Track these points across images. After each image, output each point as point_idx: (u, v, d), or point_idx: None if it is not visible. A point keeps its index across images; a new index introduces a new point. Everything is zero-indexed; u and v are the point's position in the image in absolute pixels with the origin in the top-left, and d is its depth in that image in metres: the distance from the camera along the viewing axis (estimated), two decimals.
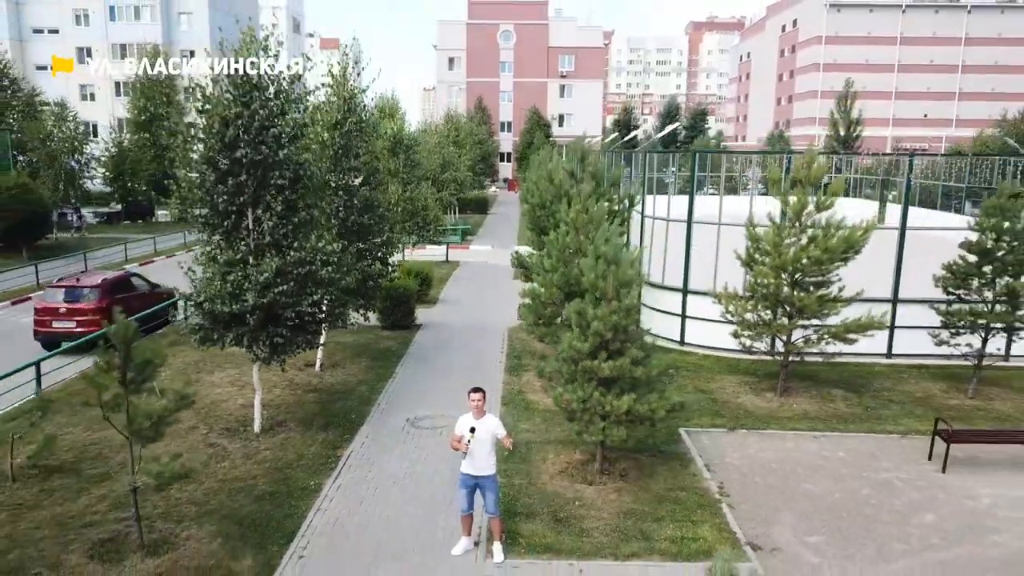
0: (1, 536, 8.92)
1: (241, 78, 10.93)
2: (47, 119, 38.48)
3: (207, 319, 11.19)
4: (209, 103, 11.01)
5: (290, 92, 11.54)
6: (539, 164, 44.60)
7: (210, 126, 10.95)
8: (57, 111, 38.34)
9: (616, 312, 9.85)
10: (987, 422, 12.98)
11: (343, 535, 9.08)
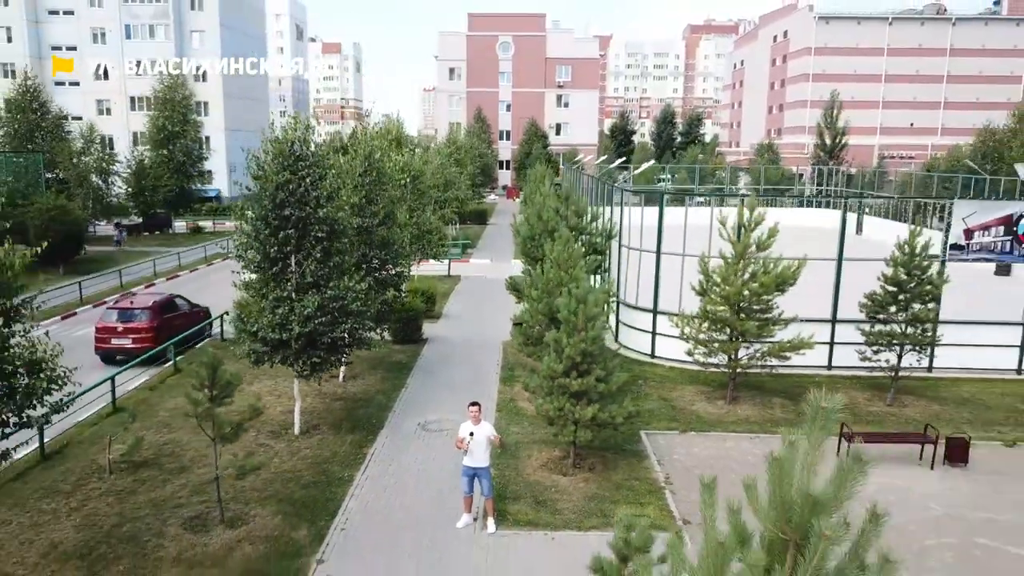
0: (114, 514, 11.72)
1: (289, 153, 13.71)
2: (76, 140, 41.30)
3: (260, 344, 13.97)
4: (263, 172, 13.80)
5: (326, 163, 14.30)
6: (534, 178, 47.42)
7: (264, 190, 13.74)
8: (86, 134, 41.15)
9: (584, 340, 12.64)
10: (896, 425, 15.77)
11: (373, 513, 11.89)
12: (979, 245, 18.97)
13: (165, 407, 16.72)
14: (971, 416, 16.49)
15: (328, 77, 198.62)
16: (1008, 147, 48.32)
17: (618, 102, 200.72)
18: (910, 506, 12.29)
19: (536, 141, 79.83)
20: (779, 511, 3.30)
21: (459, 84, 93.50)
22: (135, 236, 46.20)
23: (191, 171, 49.45)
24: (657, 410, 16.42)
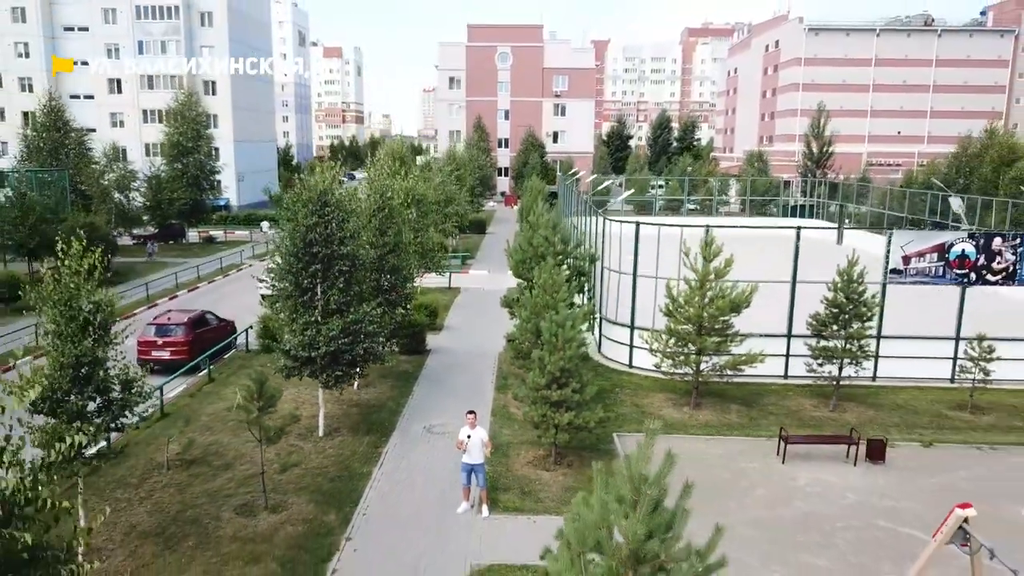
0: (176, 502, 14.34)
1: (317, 199, 16.30)
2: (100, 159, 43.93)
3: (291, 360, 16.59)
4: (295, 216, 16.40)
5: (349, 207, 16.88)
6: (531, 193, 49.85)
7: (295, 230, 16.34)
8: (111, 154, 43.76)
9: (562, 359, 15.25)
10: (833, 428, 18.39)
11: (389, 501, 14.51)
12: (915, 270, 21.60)
13: (205, 412, 19.34)
14: (899, 420, 19.14)
15: (329, 81, 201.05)
16: (980, 160, 50.85)
17: (616, 106, 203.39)
18: (831, 496, 14.94)
19: (533, 151, 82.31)
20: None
21: (459, 93, 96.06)
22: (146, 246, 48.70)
23: (204, 184, 51.98)
24: (629, 415, 19.06)
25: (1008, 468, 16.31)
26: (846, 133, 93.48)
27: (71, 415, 11.83)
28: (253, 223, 61.87)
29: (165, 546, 12.77)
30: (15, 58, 65.46)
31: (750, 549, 12.77)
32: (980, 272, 21.44)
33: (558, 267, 19.66)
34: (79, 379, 11.93)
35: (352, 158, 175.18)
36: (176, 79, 65.74)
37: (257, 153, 74.45)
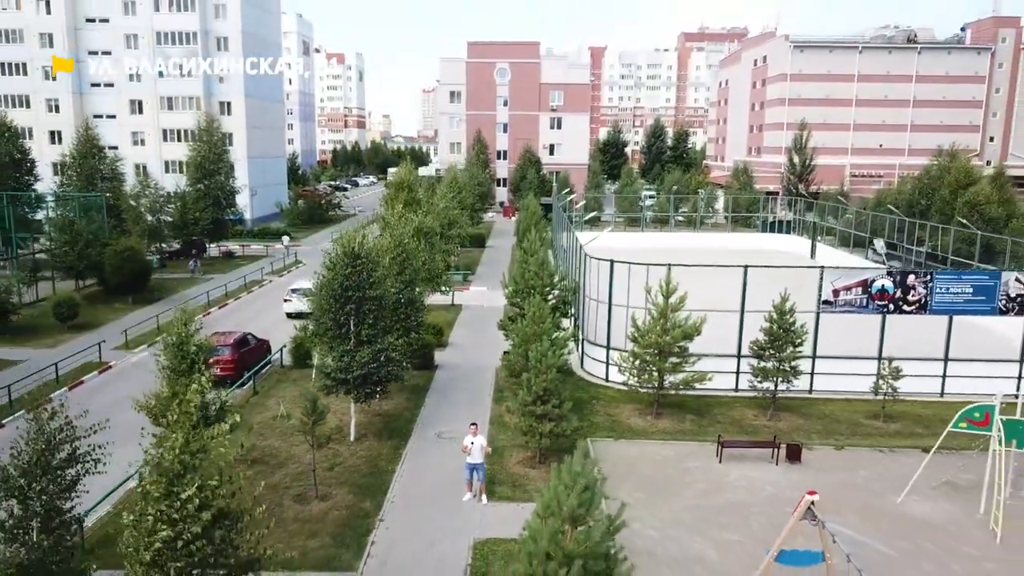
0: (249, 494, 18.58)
1: (351, 254, 20.51)
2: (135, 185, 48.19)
3: (330, 381, 20.83)
4: (334, 266, 20.62)
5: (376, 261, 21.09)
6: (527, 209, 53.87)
7: (332, 279, 20.56)
8: (143, 180, 48.03)
9: (545, 381, 19.50)
10: (766, 435, 22.59)
11: (410, 492, 18.76)
12: (844, 301, 25.87)
13: (255, 421, 23.56)
14: (822, 428, 23.42)
15: (332, 87, 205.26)
16: (940, 182, 55.03)
17: (612, 112, 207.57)
18: (753, 489, 19.20)
19: (530, 166, 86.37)
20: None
21: (459, 107, 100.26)
22: (175, 261, 52.89)
23: (224, 203, 56.15)
24: (602, 423, 23.33)
25: (900, 467, 20.53)
26: (830, 146, 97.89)
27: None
28: (267, 237, 66.16)
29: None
30: (42, 80, 69.58)
31: (685, 528, 17.06)
32: (897, 304, 25.70)
33: (544, 301, 24.02)
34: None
35: (354, 163, 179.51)
36: (194, 100, 69.96)
37: (268, 168, 78.62)
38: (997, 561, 15.99)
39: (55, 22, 68.33)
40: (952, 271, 29.13)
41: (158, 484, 9.75)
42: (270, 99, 79.71)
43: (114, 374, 29.24)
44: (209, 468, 10.07)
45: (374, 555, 16.01)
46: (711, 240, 65.20)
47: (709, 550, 16.27)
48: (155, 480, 9.79)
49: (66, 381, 27.71)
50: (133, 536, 9.95)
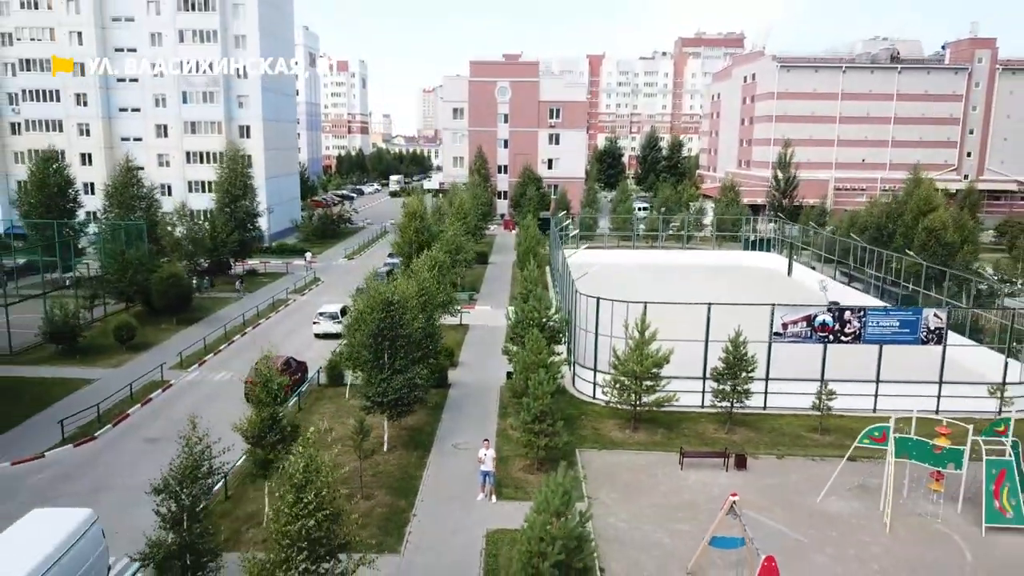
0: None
1: (386, 301, 25.57)
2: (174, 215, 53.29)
3: (368, 403, 25.91)
4: (371, 310, 25.67)
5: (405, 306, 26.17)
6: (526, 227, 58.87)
7: (370, 321, 25.62)
8: (179, 210, 53.15)
9: (541, 404, 24.59)
10: (722, 446, 27.64)
11: (435, 493, 23.86)
12: (792, 333, 30.95)
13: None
14: (769, 440, 28.51)
15: (336, 93, 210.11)
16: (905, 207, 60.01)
17: (610, 118, 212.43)
18: (705, 490, 24.27)
19: (530, 183, 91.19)
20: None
21: (462, 123, 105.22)
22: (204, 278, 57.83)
23: (248, 225, 61.15)
24: (589, 436, 28.43)
25: (825, 472, 25.54)
26: (815, 160, 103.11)
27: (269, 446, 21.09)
28: (285, 253, 71.19)
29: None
30: (74, 106, 74.53)
31: (648, 521, 22.16)
32: (836, 335, 30.80)
33: (541, 332, 29.12)
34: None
35: (358, 170, 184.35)
36: (216, 124, 74.96)
37: (283, 185, 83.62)
38: (882, 546, 21.11)
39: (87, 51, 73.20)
40: (881, 309, 34.18)
41: (289, 492, 14.74)
42: (285, 120, 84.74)
43: (175, 391, 34.29)
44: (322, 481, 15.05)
45: (411, 541, 21.12)
46: (696, 257, 70.20)
47: (665, 537, 21.39)
48: (288, 489, 14.78)
49: (139, 398, 32.74)
50: (275, 524, 14.96)
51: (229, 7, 73.84)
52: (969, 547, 21.17)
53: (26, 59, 74.00)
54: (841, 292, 52.70)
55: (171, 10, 72.85)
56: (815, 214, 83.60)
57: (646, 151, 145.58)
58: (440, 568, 19.93)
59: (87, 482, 25.10)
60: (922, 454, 22.77)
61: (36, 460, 26.77)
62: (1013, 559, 20.70)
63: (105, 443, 28.56)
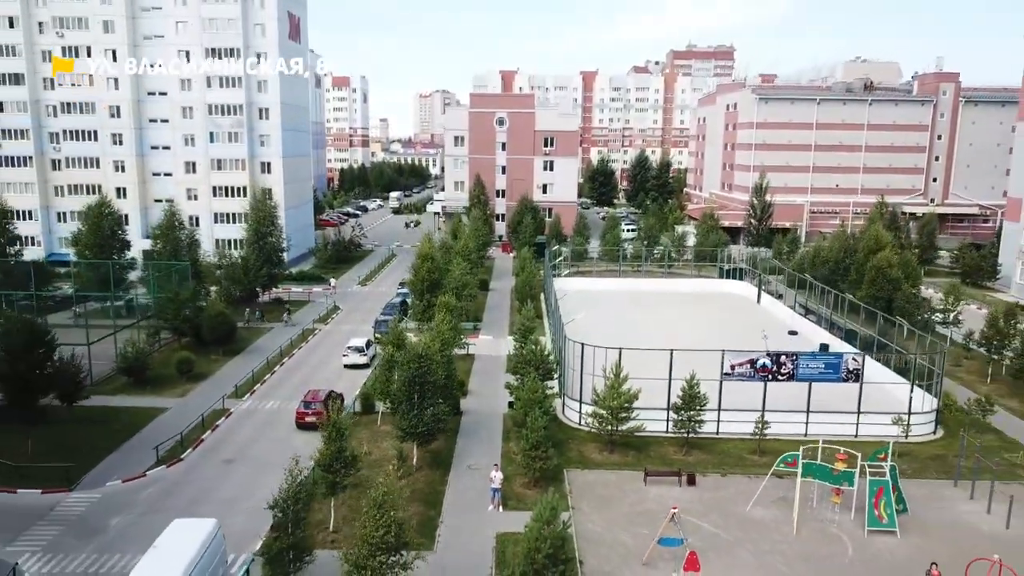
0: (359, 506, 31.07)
1: (416, 356, 32.97)
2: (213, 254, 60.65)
3: (403, 433, 33.35)
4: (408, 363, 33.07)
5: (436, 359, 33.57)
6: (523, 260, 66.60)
7: (404, 373, 33.05)
8: (221, 252, 60.46)
9: (536, 436, 32.05)
10: (681, 467, 35.04)
11: (456, 504, 31.31)
12: (739, 373, 38.43)
13: None
14: (719, 460, 35.98)
15: (338, 108, 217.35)
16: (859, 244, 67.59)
17: (603, 132, 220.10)
18: (662, 501, 31.68)
19: (527, 212, 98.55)
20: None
21: (463, 150, 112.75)
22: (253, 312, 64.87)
23: (275, 259, 68.44)
24: (574, 457, 35.86)
25: (756, 487, 32.99)
26: (792, 185, 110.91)
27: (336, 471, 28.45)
28: (305, 280, 78.43)
29: None
30: (111, 145, 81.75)
31: (617, 526, 29.61)
32: (774, 375, 38.32)
33: (537, 374, 36.62)
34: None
35: (360, 184, 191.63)
36: (240, 161, 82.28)
37: (300, 214, 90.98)
38: (788, 543, 28.61)
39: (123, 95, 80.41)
40: (810, 354, 41.61)
41: (372, 508, 22.05)
42: (301, 154, 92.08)
43: (235, 419, 41.61)
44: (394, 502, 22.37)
45: (441, 541, 28.55)
46: (676, 285, 77.66)
47: (628, 538, 28.85)
48: (372, 507, 22.10)
49: (208, 424, 40.05)
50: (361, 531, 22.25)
51: (252, 54, 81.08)
52: (852, 544, 28.70)
53: (66, 102, 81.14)
54: (799, 323, 60.35)
55: (199, 58, 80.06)
56: (788, 240, 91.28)
57: (636, 170, 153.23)
58: (463, 561, 27.35)
59: (184, 496, 32.44)
60: (823, 475, 30.29)
61: (140, 479, 34.10)
62: (883, 553, 28.21)
63: (190, 464, 35.91)
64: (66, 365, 38.20)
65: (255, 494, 32.32)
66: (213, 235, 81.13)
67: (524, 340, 41.21)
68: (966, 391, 46.56)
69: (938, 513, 31.41)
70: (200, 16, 78.69)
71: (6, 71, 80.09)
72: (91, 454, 36.00)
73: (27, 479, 33.22)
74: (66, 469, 33.59)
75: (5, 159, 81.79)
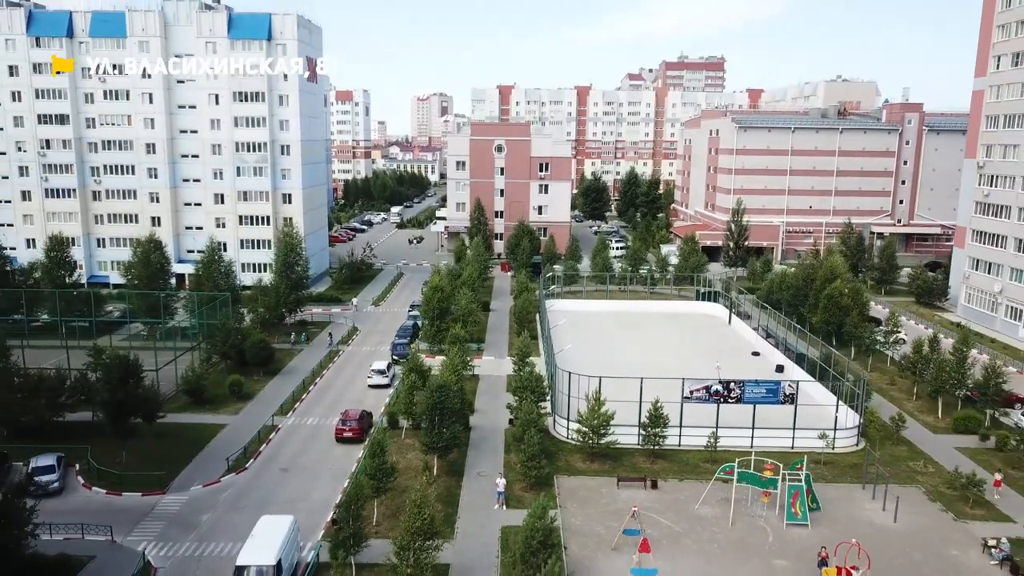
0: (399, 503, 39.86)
1: (437, 386, 41.76)
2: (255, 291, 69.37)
3: (426, 448, 42.17)
4: (432, 394, 41.86)
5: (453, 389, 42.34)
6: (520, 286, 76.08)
7: (427, 400, 41.84)
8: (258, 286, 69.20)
9: (532, 450, 40.88)
10: (648, 474, 43.85)
11: (469, 504, 40.12)
12: (696, 396, 47.29)
13: None
14: (678, 468, 44.82)
15: (342, 121, 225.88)
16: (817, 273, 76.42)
17: (596, 144, 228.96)
18: (630, 502, 40.41)
19: (524, 236, 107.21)
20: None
21: (464, 174, 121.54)
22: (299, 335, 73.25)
23: (301, 285, 77.10)
24: (563, 466, 44.68)
25: (704, 489, 41.75)
26: (769, 207, 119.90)
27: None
28: (323, 301, 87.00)
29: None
30: (147, 179, 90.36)
31: (593, 521, 38.45)
32: (725, 398, 47.17)
33: (532, 397, 45.49)
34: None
35: (364, 196, 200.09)
36: (264, 193, 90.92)
37: (316, 239, 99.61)
38: (725, 534, 37.47)
39: (158, 134, 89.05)
40: (755, 381, 50.38)
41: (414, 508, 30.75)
42: (318, 184, 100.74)
43: (283, 433, 50.32)
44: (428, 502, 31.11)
45: (458, 532, 37.37)
46: (657, 306, 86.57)
47: (602, 530, 37.66)
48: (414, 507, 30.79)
49: (263, 438, 48.74)
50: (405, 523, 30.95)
51: (276, 98, 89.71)
52: (773, 534, 37.56)
53: (107, 140, 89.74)
54: (762, 345, 69.27)
55: (228, 101, 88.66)
56: (761, 262, 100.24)
57: (626, 187, 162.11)
58: (477, 546, 36.14)
59: (255, 498, 41.16)
60: (754, 481, 39.17)
61: (216, 484, 42.83)
62: (795, 540, 37.04)
63: (253, 472, 44.64)
64: (148, 391, 46.84)
65: (310, 496, 41.23)
66: (239, 259, 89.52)
67: (522, 364, 49.99)
68: (892, 408, 55.42)
69: (845, 510, 40.31)
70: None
71: (54, 112, 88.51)
72: (173, 463, 44.72)
73: (127, 484, 41.94)
74: (158, 476, 42.37)
75: (52, 191, 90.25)
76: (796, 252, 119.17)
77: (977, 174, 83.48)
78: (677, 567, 34.46)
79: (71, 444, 45.09)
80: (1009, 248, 77.39)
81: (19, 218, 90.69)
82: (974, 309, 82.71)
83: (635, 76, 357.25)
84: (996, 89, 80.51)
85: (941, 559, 35.54)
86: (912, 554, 35.81)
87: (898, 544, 36.63)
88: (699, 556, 35.63)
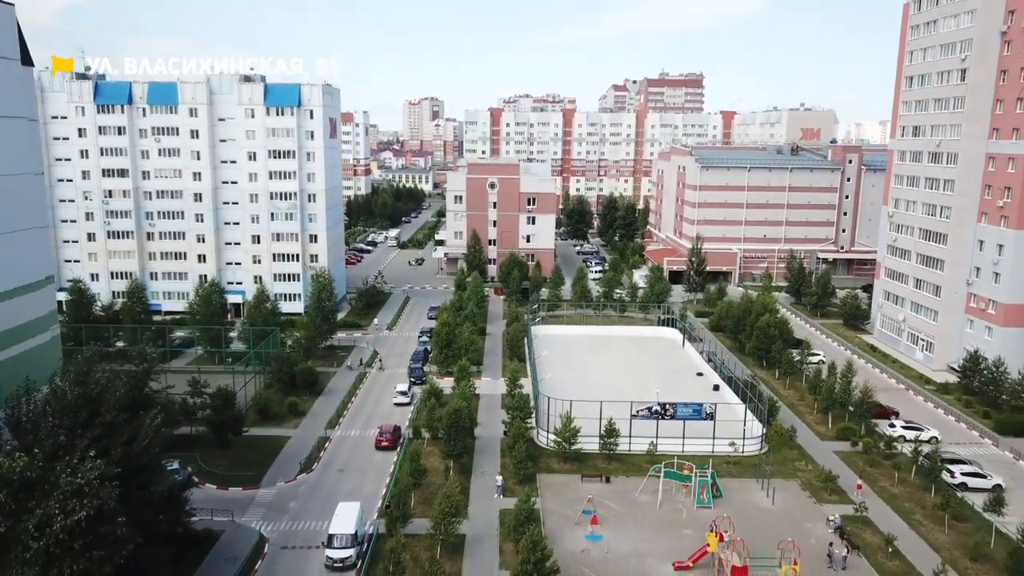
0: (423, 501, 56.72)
1: (454, 411, 58.56)
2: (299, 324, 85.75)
3: (447, 455, 59.01)
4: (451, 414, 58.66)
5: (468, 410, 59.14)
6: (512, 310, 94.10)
7: (447, 419, 58.66)
8: (300, 323, 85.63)
9: (521, 454, 57.79)
10: (601, 471, 60.76)
11: (477, 494, 56.98)
12: (643, 414, 64.32)
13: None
14: (627, 467, 61.71)
15: (344, 142, 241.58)
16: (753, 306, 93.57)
17: (581, 163, 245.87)
18: (590, 492, 57.44)
19: (515, 267, 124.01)
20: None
21: (462, 206, 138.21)
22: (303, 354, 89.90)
23: (331, 319, 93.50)
24: (543, 466, 61.49)
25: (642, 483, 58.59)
26: (728, 235, 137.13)
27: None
28: (346, 326, 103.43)
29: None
30: (194, 222, 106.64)
31: (566, 506, 55.43)
32: (662, 415, 64.23)
33: (521, 415, 62.59)
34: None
35: (366, 214, 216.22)
36: (294, 235, 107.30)
37: (336, 271, 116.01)
38: (653, 512, 54.50)
39: (204, 185, 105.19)
40: (684, 403, 67.22)
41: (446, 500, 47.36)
42: (338, 222, 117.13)
43: (334, 443, 66.93)
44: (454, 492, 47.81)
45: (470, 513, 54.17)
46: (625, 331, 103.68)
47: (569, 512, 54.55)
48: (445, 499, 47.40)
49: (320, 446, 65.35)
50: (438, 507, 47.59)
51: (304, 154, 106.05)
52: (687, 514, 54.60)
53: (160, 190, 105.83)
54: (705, 367, 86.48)
55: (264, 158, 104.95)
56: (716, 289, 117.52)
57: (606, 212, 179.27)
58: (483, 523, 52.93)
59: (323, 492, 57.79)
60: (676, 477, 56.27)
61: (294, 481, 59.46)
62: (701, 517, 53.88)
63: (317, 473, 61.28)
64: (238, 412, 63.40)
65: (362, 489, 57.97)
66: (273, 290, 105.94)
67: (513, 387, 66.89)
68: (796, 419, 72.68)
69: (740, 497, 57.37)
70: (265, 126, 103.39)
71: (116, 166, 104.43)
72: (259, 466, 61.33)
73: (229, 481, 58.52)
74: (251, 476, 58.99)
75: (113, 233, 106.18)
76: (752, 275, 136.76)
77: (888, 221, 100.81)
78: (617, 535, 51.51)
79: (181, 453, 61.66)
80: (910, 285, 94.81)
81: (85, 255, 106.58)
82: (886, 333, 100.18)
83: (620, 87, 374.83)
84: (901, 153, 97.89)
85: (797, 528, 52.73)
86: (778, 525, 53.01)
87: (771, 520, 53.83)
88: (634, 528, 52.68)
